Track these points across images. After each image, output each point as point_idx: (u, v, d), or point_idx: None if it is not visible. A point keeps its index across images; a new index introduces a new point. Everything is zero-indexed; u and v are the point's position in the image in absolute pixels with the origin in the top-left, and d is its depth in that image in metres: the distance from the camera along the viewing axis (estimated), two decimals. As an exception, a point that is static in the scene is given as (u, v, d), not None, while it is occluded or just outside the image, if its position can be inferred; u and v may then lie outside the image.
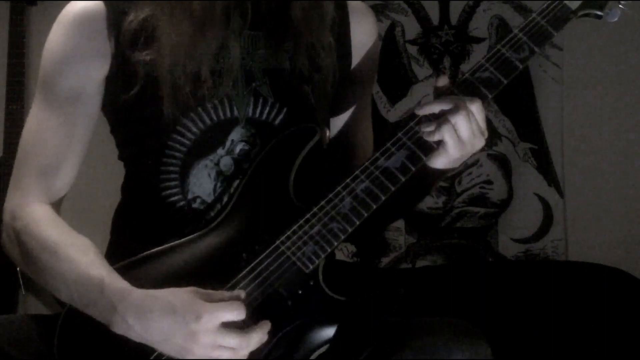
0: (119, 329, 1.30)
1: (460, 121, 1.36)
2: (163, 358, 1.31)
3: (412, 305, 1.41)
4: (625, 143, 3.02)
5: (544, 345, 2.53)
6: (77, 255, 1.37)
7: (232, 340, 1.28)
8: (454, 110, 1.37)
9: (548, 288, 2.67)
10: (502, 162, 3.08)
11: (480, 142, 1.40)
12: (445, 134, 1.37)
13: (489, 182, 3.10)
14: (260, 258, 1.36)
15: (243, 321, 1.30)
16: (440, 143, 1.38)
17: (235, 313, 1.29)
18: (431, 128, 1.38)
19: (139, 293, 1.31)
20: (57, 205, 1.50)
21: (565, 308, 2.59)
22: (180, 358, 1.29)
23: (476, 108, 1.38)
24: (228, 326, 1.28)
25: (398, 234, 3.12)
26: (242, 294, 1.33)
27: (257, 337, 1.30)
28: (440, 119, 1.38)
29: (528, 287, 2.71)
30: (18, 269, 2.68)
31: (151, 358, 1.31)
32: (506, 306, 2.63)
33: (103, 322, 1.32)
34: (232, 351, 1.29)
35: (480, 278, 2.79)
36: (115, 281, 1.33)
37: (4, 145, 3.05)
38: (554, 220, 3.07)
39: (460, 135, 1.37)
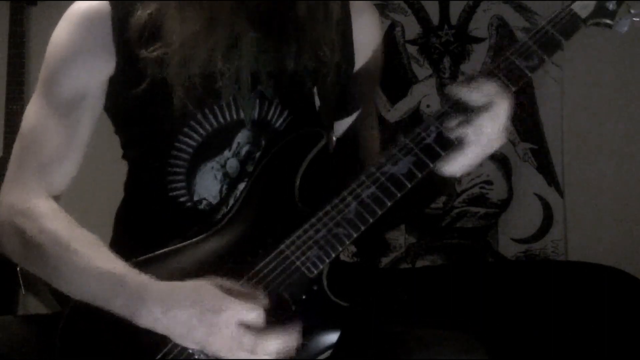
0: (144, 320, 1.28)
1: (486, 122, 1.34)
2: (168, 358, 1.30)
3: (412, 305, 1.41)
4: (625, 143, 3.02)
5: (544, 345, 2.54)
6: (92, 250, 1.36)
7: (248, 340, 1.27)
8: (484, 108, 1.35)
9: (548, 288, 2.67)
10: (502, 162, 3.08)
11: (499, 142, 1.38)
12: (470, 133, 1.35)
13: (489, 182, 3.09)
14: (264, 262, 1.35)
15: None
16: (452, 146, 1.36)
17: (255, 317, 1.28)
18: (454, 123, 1.36)
19: (163, 284, 1.31)
20: (56, 201, 1.49)
21: (565, 308, 2.59)
22: (202, 350, 1.29)
23: (505, 109, 1.36)
24: (247, 326, 1.27)
25: (398, 234, 3.12)
26: (260, 294, 1.32)
27: (274, 345, 1.28)
28: (467, 115, 1.35)
29: (528, 287, 2.71)
30: (18, 268, 2.67)
31: (157, 358, 1.30)
32: (506, 306, 2.63)
33: (126, 315, 1.29)
34: (249, 352, 1.27)
35: (480, 278, 2.79)
36: (137, 274, 1.32)
37: (3, 145, 3.05)
38: (554, 220, 3.07)
39: (484, 134, 1.35)
